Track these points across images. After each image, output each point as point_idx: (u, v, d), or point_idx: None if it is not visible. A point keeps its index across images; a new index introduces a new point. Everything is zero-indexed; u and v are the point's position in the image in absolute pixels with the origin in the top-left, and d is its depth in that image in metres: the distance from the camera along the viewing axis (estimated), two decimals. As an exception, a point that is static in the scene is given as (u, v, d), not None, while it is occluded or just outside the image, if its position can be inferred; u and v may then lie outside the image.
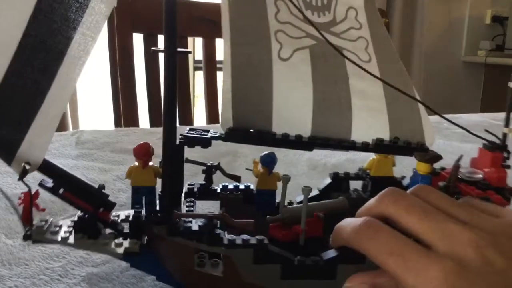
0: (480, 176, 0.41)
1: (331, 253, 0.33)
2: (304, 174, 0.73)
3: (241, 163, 0.75)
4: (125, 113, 1.15)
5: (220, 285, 0.34)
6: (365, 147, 0.40)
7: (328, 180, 0.46)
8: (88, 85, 1.92)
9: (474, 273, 0.25)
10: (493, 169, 0.42)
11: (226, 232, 0.34)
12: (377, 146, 0.40)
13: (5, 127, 0.33)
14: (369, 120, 0.41)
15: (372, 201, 0.31)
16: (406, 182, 0.46)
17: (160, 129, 0.36)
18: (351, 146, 0.40)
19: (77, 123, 1.99)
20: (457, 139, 0.91)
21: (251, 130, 0.38)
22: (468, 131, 0.38)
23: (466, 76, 2.76)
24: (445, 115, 0.39)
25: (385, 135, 0.41)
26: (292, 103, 0.39)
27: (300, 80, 0.39)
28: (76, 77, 0.35)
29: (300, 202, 0.41)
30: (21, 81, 0.33)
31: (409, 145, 0.40)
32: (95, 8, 0.34)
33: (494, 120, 1.16)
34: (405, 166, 0.45)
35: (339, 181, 0.46)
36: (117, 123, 1.17)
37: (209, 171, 0.43)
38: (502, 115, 0.43)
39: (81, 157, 0.77)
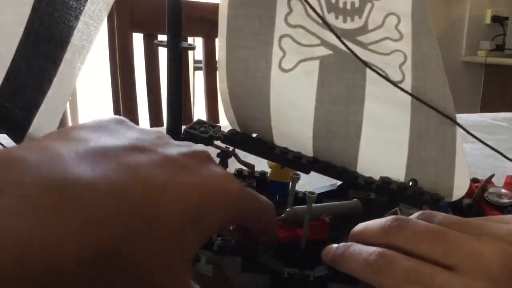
0: (510, 200, 0.37)
1: (323, 270, 0.32)
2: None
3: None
4: (125, 113, 1.14)
5: (211, 283, 0.34)
6: (368, 185, 0.34)
7: None
8: (88, 85, 1.92)
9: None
10: None
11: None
12: (381, 188, 0.33)
13: (15, 108, 0.35)
14: (381, 153, 0.34)
15: (373, 231, 0.28)
16: None
17: (161, 129, 0.36)
18: (352, 180, 0.34)
19: (77, 123, 1.99)
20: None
21: (254, 135, 0.37)
22: (501, 153, 0.34)
23: (466, 76, 2.76)
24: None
25: (399, 174, 0.34)
26: (291, 119, 0.35)
27: (301, 97, 0.35)
28: (80, 65, 0.36)
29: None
30: (28, 66, 0.34)
31: (419, 196, 0.33)
32: None
33: (494, 120, 1.16)
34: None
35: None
36: (117, 123, 1.17)
37: (224, 155, 0.42)
38: (502, 115, 0.42)
39: (81, 157, 0.76)
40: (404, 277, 0.25)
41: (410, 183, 0.33)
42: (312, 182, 0.40)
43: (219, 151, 0.41)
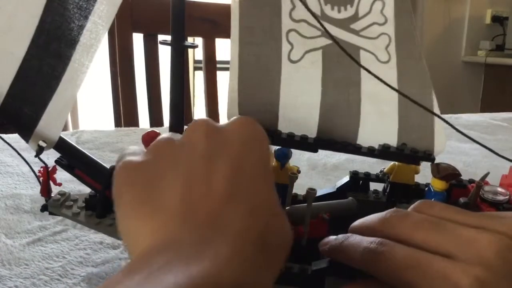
0: (505, 198, 0.38)
1: (321, 264, 0.32)
2: (304, 173, 0.73)
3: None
4: (125, 113, 1.14)
5: None
6: (370, 152, 0.39)
7: (346, 179, 0.45)
8: (88, 85, 1.92)
9: (500, 277, 0.24)
10: None
11: None
12: (382, 153, 0.39)
13: (24, 106, 0.36)
14: (378, 125, 0.40)
15: (373, 223, 0.29)
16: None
17: (160, 129, 0.36)
18: (356, 150, 0.39)
19: (77, 123, 1.99)
20: (456, 139, 0.90)
21: None
22: (483, 145, 0.35)
23: (466, 76, 2.76)
24: (445, 115, 0.38)
25: (393, 141, 0.40)
26: (300, 106, 0.39)
27: (308, 84, 0.39)
28: (88, 63, 0.37)
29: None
30: (38, 64, 0.35)
31: (415, 154, 0.39)
32: None
33: (494, 120, 1.16)
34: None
35: (357, 181, 0.44)
36: (117, 123, 1.17)
37: None
38: (502, 115, 0.43)
39: (81, 157, 0.76)
40: (403, 264, 0.26)
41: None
42: (311, 182, 0.40)
43: None
